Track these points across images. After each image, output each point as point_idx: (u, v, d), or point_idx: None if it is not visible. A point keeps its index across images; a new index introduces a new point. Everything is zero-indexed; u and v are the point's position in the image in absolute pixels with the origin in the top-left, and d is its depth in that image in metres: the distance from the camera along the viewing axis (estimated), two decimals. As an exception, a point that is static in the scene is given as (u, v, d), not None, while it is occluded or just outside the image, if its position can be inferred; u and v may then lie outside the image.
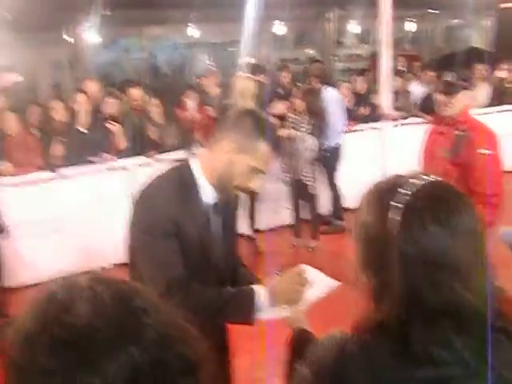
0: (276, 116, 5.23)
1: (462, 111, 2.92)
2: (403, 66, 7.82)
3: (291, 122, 5.20)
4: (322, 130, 5.15)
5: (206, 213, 1.74)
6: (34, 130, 5.37)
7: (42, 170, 4.94)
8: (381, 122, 6.19)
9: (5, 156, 4.79)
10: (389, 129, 6.22)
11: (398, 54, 8.19)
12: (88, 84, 5.60)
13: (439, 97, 2.99)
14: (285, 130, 5.01)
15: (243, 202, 4.91)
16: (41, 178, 4.93)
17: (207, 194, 1.72)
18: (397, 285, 0.89)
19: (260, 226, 5.64)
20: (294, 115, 5.22)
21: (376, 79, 6.59)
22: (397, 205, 0.90)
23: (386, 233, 0.90)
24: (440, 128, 3.04)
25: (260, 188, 1.74)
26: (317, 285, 1.70)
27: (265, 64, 9.41)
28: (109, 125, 5.02)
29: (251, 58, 7.79)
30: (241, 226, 2.11)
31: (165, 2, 7.73)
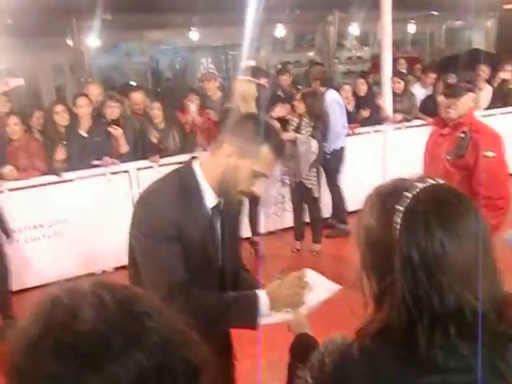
0: (277, 119, 5.22)
1: (466, 113, 2.90)
2: (404, 68, 7.81)
3: (292, 125, 5.20)
4: (323, 133, 5.14)
5: (208, 216, 1.73)
6: (37, 135, 5.38)
7: (45, 174, 4.94)
8: (383, 125, 6.17)
9: (8, 160, 4.79)
10: (391, 131, 6.21)
11: (399, 56, 8.19)
12: (89, 88, 5.60)
13: (443, 99, 2.97)
14: (286, 133, 5.00)
15: (245, 206, 4.89)
16: (43, 182, 4.93)
17: (209, 198, 1.71)
18: (400, 289, 0.87)
19: (261, 230, 5.63)
20: (295, 118, 5.22)
21: (377, 81, 6.58)
22: (400, 208, 0.89)
23: (389, 236, 0.89)
24: (443, 130, 3.02)
25: (262, 192, 1.73)
26: (319, 289, 1.69)
27: (266, 67, 9.43)
28: (110, 129, 5.03)
29: (252, 61, 7.79)
30: (243, 230, 2.10)
31: (165, 6, 7.74)
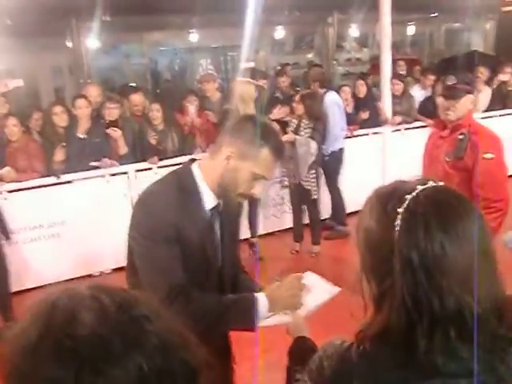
0: (276, 121, 5.22)
1: (465, 115, 2.90)
2: (403, 70, 7.80)
3: (291, 126, 5.20)
4: (322, 134, 5.14)
5: (207, 218, 1.72)
6: (36, 136, 5.37)
7: (44, 176, 4.93)
8: (382, 127, 6.17)
9: (7, 162, 4.78)
10: (390, 133, 6.21)
11: (399, 58, 8.19)
12: (88, 89, 5.60)
13: (442, 101, 2.96)
14: (285, 135, 5.00)
15: (244, 207, 4.89)
16: (42, 184, 4.92)
17: (208, 200, 1.71)
18: (399, 291, 0.87)
19: (260, 231, 5.62)
20: (294, 119, 5.21)
21: (376, 83, 6.58)
22: (400, 210, 0.89)
23: (389, 239, 0.89)
24: (442, 132, 3.02)
25: (261, 194, 1.73)
26: (318, 291, 1.68)
27: (265, 68, 9.43)
28: (109, 130, 5.02)
29: (251, 63, 7.79)
30: (241, 231, 2.10)
31: (165, 8, 7.74)
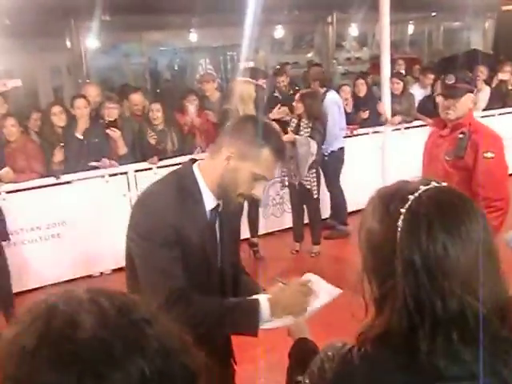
0: (276, 120, 5.21)
1: (465, 114, 2.89)
2: (403, 69, 7.80)
3: (291, 126, 5.19)
4: (322, 134, 5.13)
5: (207, 219, 1.70)
6: (34, 136, 5.36)
7: (43, 176, 4.92)
8: (382, 126, 6.17)
9: (6, 162, 4.77)
10: (390, 132, 6.20)
11: (398, 57, 8.19)
12: (87, 89, 5.59)
13: (441, 100, 2.95)
14: (285, 135, 4.99)
15: (244, 207, 4.88)
16: (41, 184, 4.91)
17: (208, 200, 1.69)
18: (401, 293, 0.86)
19: (260, 230, 5.61)
20: (294, 119, 5.21)
21: (376, 82, 6.57)
22: (403, 211, 0.88)
23: (391, 239, 0.88)
24: (442, 131, 3.01)
25: (262, 194, 1.72)
26: (319, 293, 1.67)
27: (265, 68, 9.42)
28: (109, 131, 5.01)
29: (251, 62, 7.78)
30: (242, 230, 2.08)
31: (164, 8, 7.73)
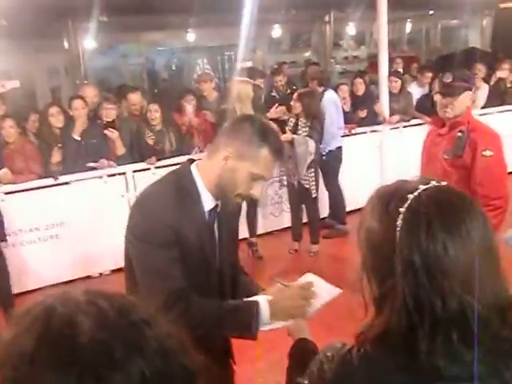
0: (273, 120, 5.21)
1: (464, 112, 2.89)
2: (401, 68, 7.80)
3: (289, 125, 5.18)
4: (320, 133, 5.13)
5: (206, 219, 1.69)
6: (32, 137, 5.35)
7: (41, 177, 4.91)
8: (380, 125, 6.16)
9: (4, 163, 4.76)
10: (388, 131, 6.20)
11: (396, 56, 8.18)
12: (85, 90, 5.58)
13: (440, 98, 2.95)
14: (283, 134, 4.99)
15: (242, 207, 4.87)
16: (39, 185, 4.90)
17: (207, 201, 1.68)
18: (401, 293, 0.85)
19: (258, 230, 5.61)
20: (292, 118, 5.20)
21: (374, 81, 6.57)
22: (402, 210, 0.87)
23: (391, 239, 0.87)
24: (440, 130, 3.01)
25: (260, 194, 1.71)
26: (319, 294, 1.66)
27: (262, 67, 9.41)
28: (107, 131, 5.00)
29: (249, 62, 7.78)
30: (240, 230, 2.07)
31: (161, 8, 7.72)
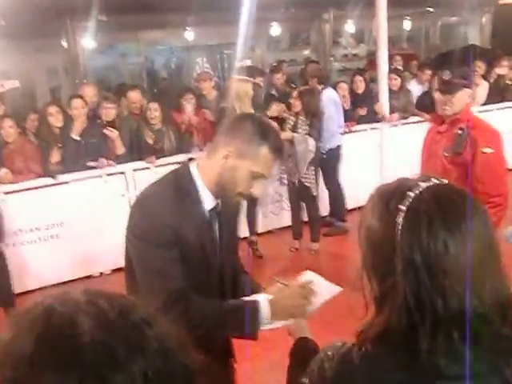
0: (273, 118, 5.20)
1: (463, 109, 2.89)
2: (400, 65, 7.79)
3: (289, 124, 5.18)
4: (320, 131, 5.13)
5: (206, 219, 1.69)
6: (32, 137, 5.34)
7: (41, 177, 4.91)
8: (380, 123, 6.15)
9: (4, 163, 4.76)
10: (388, 129, 6.19)
11: (395, 53, 8.17)
12: (84, 89, 5.57)
13: (439, 96, 2.95)
14: (283, 133, 4.98)
15: (243, 206, 4.87)
16: (39, 185, 4.90)
17: (207, 200, 1.68)
18: (401, 291, 0.85)
19: (259, 229, 5.61)
20: (292, 116, 5.20)
21: (373, 78, 6.56)
22: (403, 208, 0.87)
23: (391, 237, 0.87)
24: (440, 127, 3.01)
25: (261, 193, 1.70)
26: (319, 292, 1.66)
27: (261, 66, 9.41)
28: (106, 131, 4.99)
29: (248, 60, 7.77)
30: (240, 229, 2.07)
31: (160, 7, 7.72)
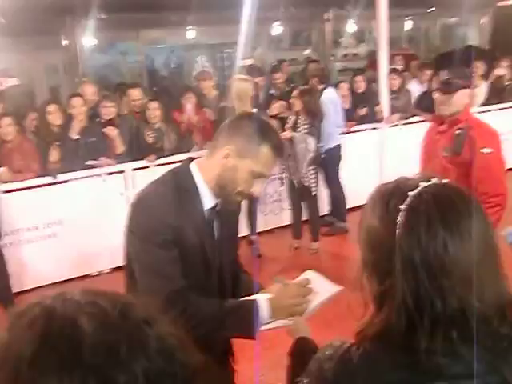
0: (273, 117, 5.21)
1: (462, 110, 2.89)
2: (400, 65, 7.78)
3: (289, 123, 5.18)
4: (320, 131, 5.13)
5: (206, 218, 1.69)
6: (31, 136, 5.33)
7: (40, 176, 4.89)
8: (380, 123, 6.16)
9: (2, 162, 4.75)
10: (388, 128, 6.20)
11: (395, 53, 8.16)
12: (84, 88, 5.56)
13: (437, 96, 2.96)
14: (283, 132, 4.98)
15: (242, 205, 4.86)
16: (38, 184, 4.89)
17: (207, 200, 1.67)
18: (400, 291, 0.85)
19: (259, 228, 5.60)
20: (292, 115, 5.20)
21: (374, 78, 6.56)
22: (403, 208, 0.87)
23: (391, 236, 0.87)
24: (439, 127, 3.01)
25: (261, 192, 1.70)
26: (319, 291, 1.66)
27: (262, 65, 9.40)
28: (106, 130, 4.99)
29: (249, 60, 7.76)
30: (240, 228, 2.07)
31: (161, 5, 7.71)
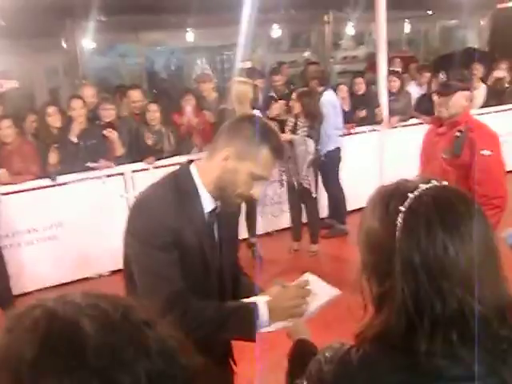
0: (273, 119, 5.20)
1: (462, 112, 2.89)
2: (400, 68, 7.79)
3: (289, 125, 5.18)
4: (320, 133, 5.13)
5: (206, 221, 1.68)
6: (30, 138, 5.33)
7: (39, 178, 4.89)
8: (379, 125, 6.16)
9: (2, 164, 4.74)
10: (387, 131, 6.20)
11: (395, 56, 8.18)
12: (84, 90, 5.56)
13: (436, 98, 2.97)
14: (283, 135, 4.98)
15: (242, 207, 4.87)
16: (37, 186, 4.88)
17: (207, 202, 1.67)
18: (400, 293, 0.85)
19: (258, 230, 5.60)
20: (291, 118, 5.20)
21: (373, 81, 6.57)
22: (402, 210, 0.87)
23: (391, 238, 0.87)
24: (439, 129, 3.02)
25: (260, 194, 1.70)
26: (318, 294, 1.66)
27: (261, 67, 9.41)
28: (105, 132, 4.99)
29: (248, 62, 7.77)
30: (240, 231, 2.07)
31: (161, 8, 7.73)
